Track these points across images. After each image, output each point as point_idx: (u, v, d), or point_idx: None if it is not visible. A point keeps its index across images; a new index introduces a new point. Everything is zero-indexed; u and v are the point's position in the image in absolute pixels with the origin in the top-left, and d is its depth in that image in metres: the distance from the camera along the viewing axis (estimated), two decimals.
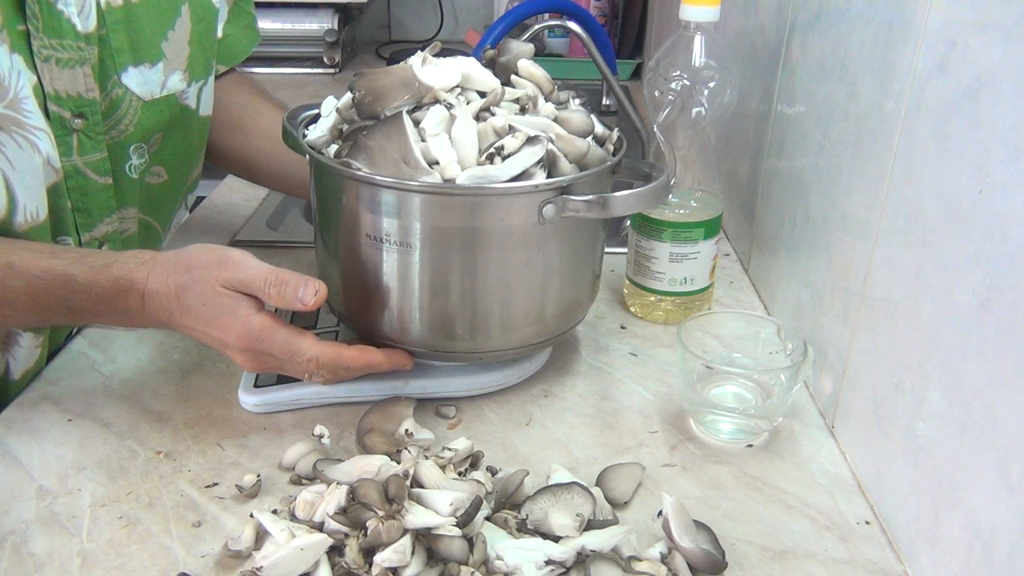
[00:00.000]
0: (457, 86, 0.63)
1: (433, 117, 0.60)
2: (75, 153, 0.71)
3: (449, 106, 0.61)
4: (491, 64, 0.67)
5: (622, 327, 0.82)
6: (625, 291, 0.85)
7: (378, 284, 0.64)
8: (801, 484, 0.61)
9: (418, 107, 0.62)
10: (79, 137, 0.71)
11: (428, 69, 0.63)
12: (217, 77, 0.89)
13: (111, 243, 0.77)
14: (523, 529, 0.54)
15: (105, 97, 0.73)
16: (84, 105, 0.70)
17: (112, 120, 0.74)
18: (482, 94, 0.63)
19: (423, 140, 0.60)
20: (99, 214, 0.75)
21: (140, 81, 0.75)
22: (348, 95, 0.64)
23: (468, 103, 0.62)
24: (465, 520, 0.50)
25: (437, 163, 0.59)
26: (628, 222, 1.04)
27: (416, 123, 0.60)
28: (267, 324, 0.61)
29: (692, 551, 0.52)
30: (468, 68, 0.64)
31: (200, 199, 1.14)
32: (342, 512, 0.52)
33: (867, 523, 0.58)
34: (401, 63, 0.64)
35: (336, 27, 1.81)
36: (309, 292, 0.60)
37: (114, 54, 0.73)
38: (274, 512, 0.55)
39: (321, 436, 0.62)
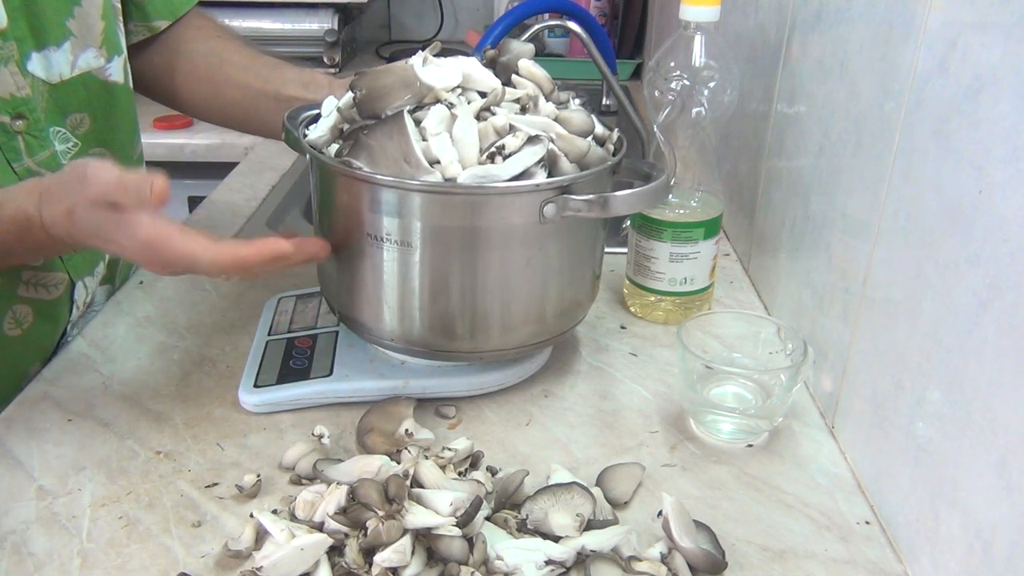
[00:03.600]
0: (458, 86, 0.63)
1: (434, 117, 0.60)
2: (24, 156, 0.69)
3: (450, 105, 0.61)
4: (492, 64, 0.67)
5: (622, 327, 0.82)
6: (625, 291, 0.85)
7: (378, 283, 0.64)
8: (801, 484, 0.61)
9: (419, 107, 0.62)
10: (25, 139, 0.69)
11: (429, 69, 0.63)
12: (163, 31, 0.86)
13: None
14: (523, 529, 0.54)
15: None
16: (20, 104, 0.68)
17: (25, 113, 0.71)
18: (482, 94, 0.63)
19: (424, 140, 0.60)
20: None
21: (44, 65, 0.72)
22: (349, 94, 0.64)
23: (469, 103, 0.62)
24: (465, 520, 0.50)
25: (438, 162, 0.59)
26: (628, 222, 1.04)
27: (417, 123, 0.60)
28: (158, 236, 0.57)
29: (692, 551, 0.52)
30: (469, 68, 0.64)
31: (200, 199, 1.14)
32: (342, 512, 0.52)
33: (867, 523, 0.58)
34: (402, 62, 0.64)
35: (336, 27, 1.81)
36: (145, 189, 0.55)
37: (19, 43, 0.69)
38: (274, 512, 0.55)
39: (321, 436, 0.62)
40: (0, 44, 0.66)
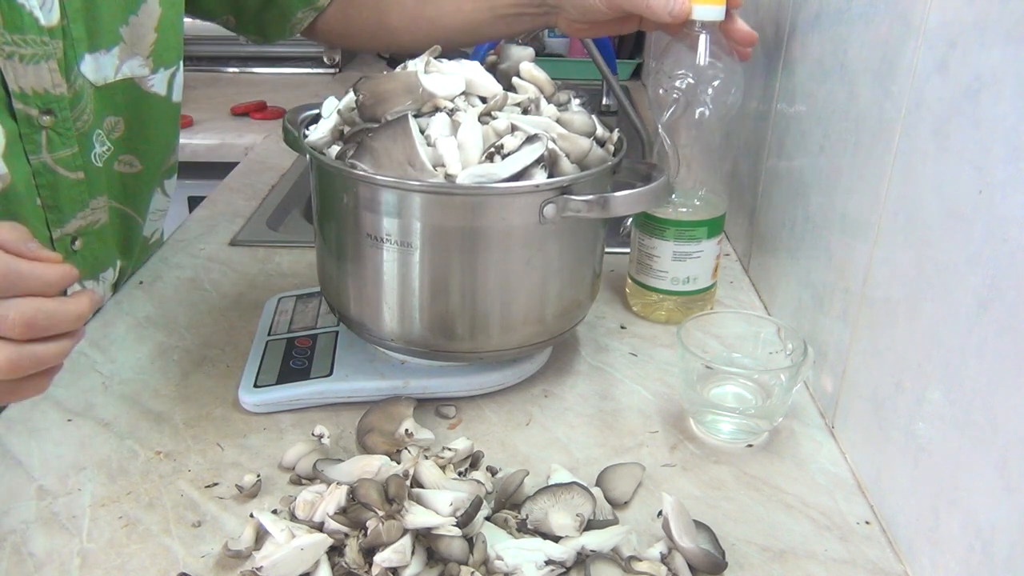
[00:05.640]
0: (461, 93, 0.63)
1: (438, 124, 0.60)
2: (44, 150, 0.70)
3: (451, 112, 0.61)
4: (491, 70, 0.67)
5: (622, 327, 0.82)
6: (627, 290, 0.85)
7: (378, 284, 0.64)
8: (801, 484, 0.61)
9: (419, 114, 0.62)
10: (48, 134, 0.70)
11: (433, 76, 0.63)
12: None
13: (84, 236, 0.77)
14: (523, 529, 0.54)
15: (70, 89, 0.71)
16: (52, 101, 0.69)
17: (76, 112, 0.73)
18: (483, 99, 0.64)
19: (428, 144, 0.60)
20: (71, 209, 0.74)
21: (94, 68, 0.74)
22: (350, 96, 0.64)
23: (471, 108, 0.62)
24: (465, 520, 0.50)
25: (443, 166, 0.59)
26: (628, 221, 1.04)
27: (421, 130, 0.60)
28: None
29: (692, 551, 0.52)
30: (471, 74, 0.64)
31: (200, 199, 1.14)
32: (342, 512, 0.52)
33: (867, 523, 0.58)
34: (407, 68, 0.64)
35: None
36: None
37: (74, 44, 0.71)
38: (274, 512, 0.55)
39: (321, 436, 0.62)
40: (46, 40, 0.67)
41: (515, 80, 0.66)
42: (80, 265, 0.77)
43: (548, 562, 0.50)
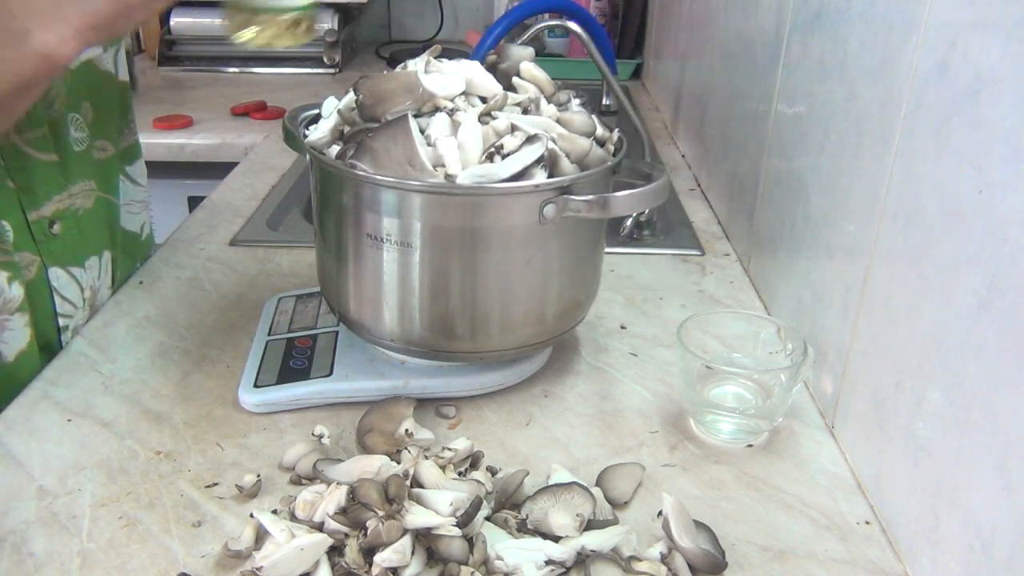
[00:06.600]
0: (461, 93, 0.63)
1: (438, 124, 0.60)
2: (11, 132, 0.69)
3: (451, 112, 0.61)
4: (491, 70, 0.67)
5: (622, 327, 0.82)
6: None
7: (378, 284, 0.64)
8: (801, 484, 0.61)
9: (419, 113, 0.62)
10: None
11: (433, 76, 0.63)
12: None
13: (65, 220, 0.76)
14: (523, 529, 0.54)
15: None
16: None
17: (49, 96, 0.72)
18: (483, 99, 0.64)
19: (428, 144, 0.60)
20: (46, 191, 0.74)
21: None
22: (350, 95, 0.64)
23: (471, 108, 0.62)
24: (465, 520, 0.50)
25: (442, 166, 0.59)
26: (628, 221, 1.04)
27: (421, 130, 0.60)
28: None
29: (692, 551, 0.52)
30: (471, 74, 0.64)
31: (200, 199, 1.14)
32: (342, 512, 0.52)
33: (867, 523, 0.58)
34: (407, 67, 0.64)
35: (336, 27, 1.81)
36: None
37: None
38: (274, 512, 0.55)
39: (321, 436, 0.62)
40: None
41: (515, 80, 0.66)
42: (61, 250, 0.77)
43: (548, 562, 0.50)
